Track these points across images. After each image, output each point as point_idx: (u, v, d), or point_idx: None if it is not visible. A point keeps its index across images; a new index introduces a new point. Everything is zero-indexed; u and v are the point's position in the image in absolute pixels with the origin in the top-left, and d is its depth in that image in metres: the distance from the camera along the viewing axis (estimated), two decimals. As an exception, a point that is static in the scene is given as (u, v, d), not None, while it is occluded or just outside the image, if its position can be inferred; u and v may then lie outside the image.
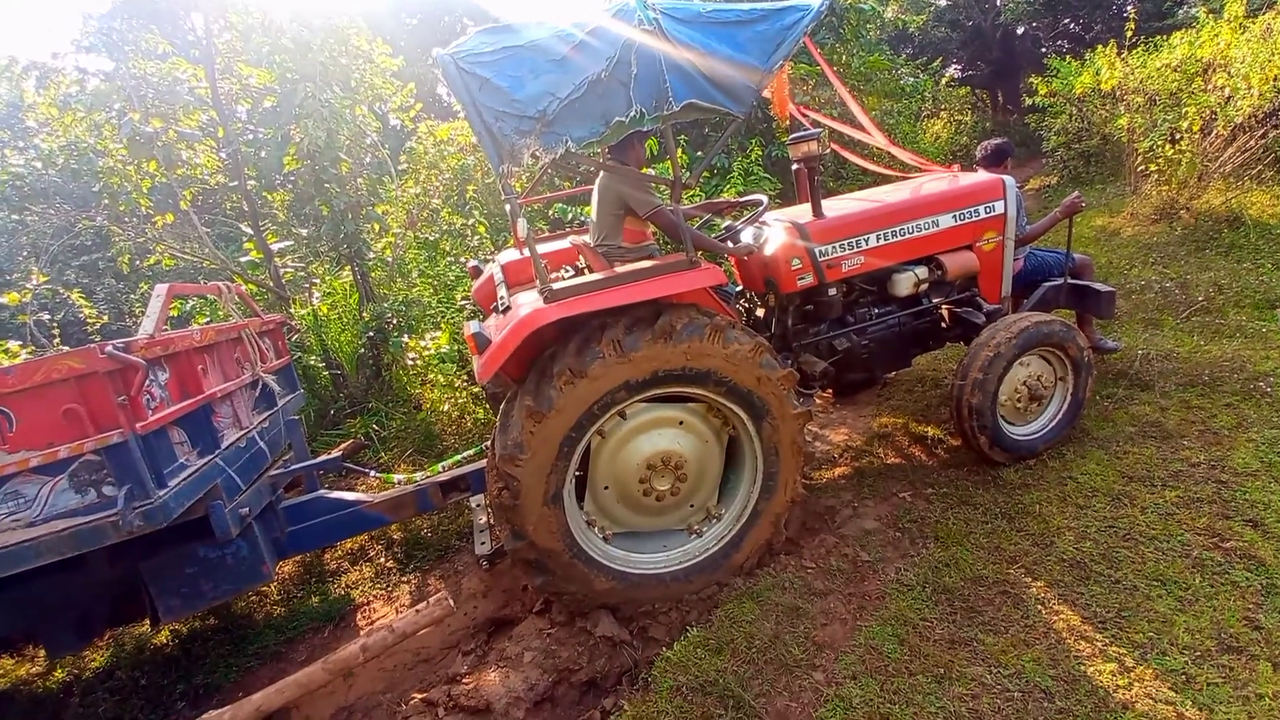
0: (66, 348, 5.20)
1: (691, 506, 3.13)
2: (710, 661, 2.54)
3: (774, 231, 3.56)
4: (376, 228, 6.54)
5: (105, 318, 6.45)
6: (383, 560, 4.00)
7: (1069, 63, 9.51)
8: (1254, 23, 6.66)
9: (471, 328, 2.79)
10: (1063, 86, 9.20)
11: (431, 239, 7.13)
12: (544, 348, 2.72)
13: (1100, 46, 7.95)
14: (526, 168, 2.97)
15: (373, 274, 6.69)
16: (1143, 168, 7.36)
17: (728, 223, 3.97)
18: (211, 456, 2.78)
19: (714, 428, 3.07)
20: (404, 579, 3.80)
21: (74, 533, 2.27)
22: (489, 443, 2.91)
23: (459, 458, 3.97)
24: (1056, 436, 3.56)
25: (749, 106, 2.70)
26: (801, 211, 3.68)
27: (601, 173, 3.18)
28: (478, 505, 3.81)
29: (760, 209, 3.55)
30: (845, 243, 3.47)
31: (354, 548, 4.13)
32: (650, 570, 3.00)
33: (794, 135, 3.46)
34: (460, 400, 5.20)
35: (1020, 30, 16.50)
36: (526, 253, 3.07)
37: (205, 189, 6.51)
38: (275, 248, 6.18)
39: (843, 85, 4.26)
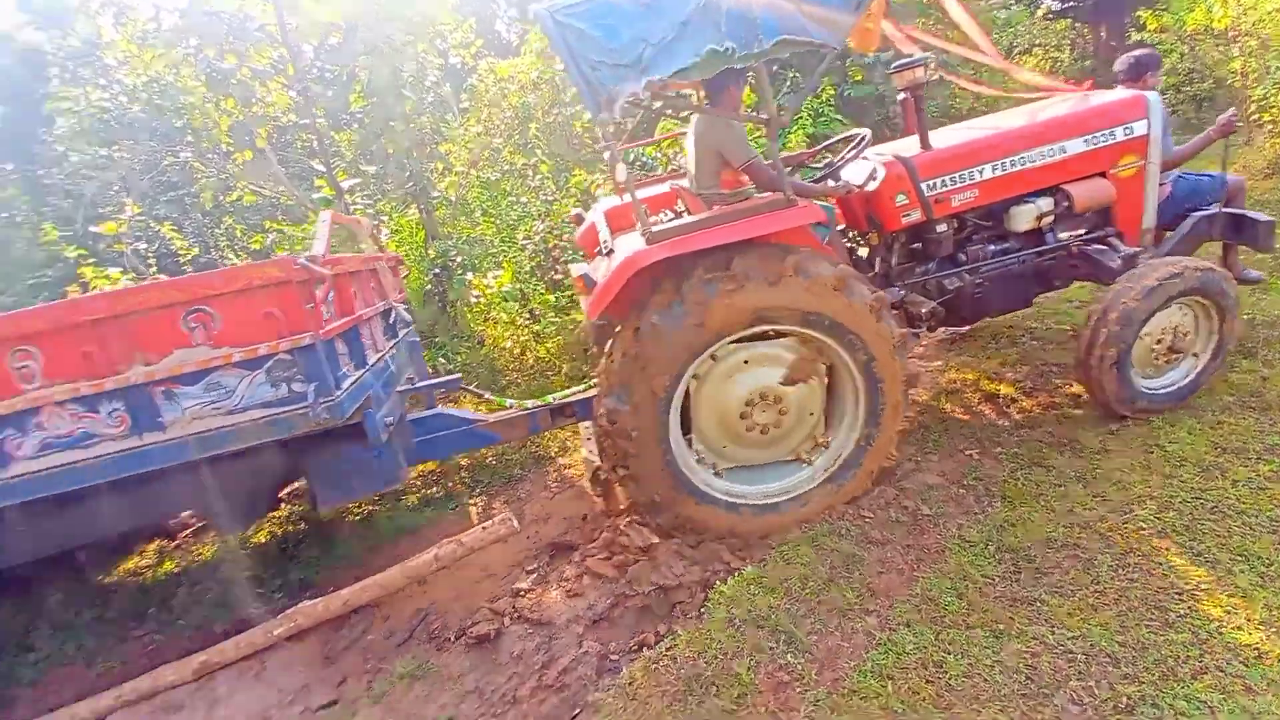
0: (164, 276, 5.58)
1: (798, 438, 3.15)
2: (764, 598, 2.61)
3: (877, 166, 3.38)
4: (440, 166, 6.61)
5: (195, 250, 6.80)
6: (451, 484, 4.26)
7: (1182, -5, 8.47)
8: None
9: (579, 269, 2.85)
10: (1174, 22, 8.22)
11: (494, 178, 7.15)
12: (647, 288, 2.77)
13: (1216, -22, 7.02)
14: (623, 117, 2.97)
15: (437, 212, 6.81)
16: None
17: (828, 159, 3.79)
18: (365, 369, 3.08)
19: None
20: (471, 501, 4.05)
21: (271, 421, 2.59)
22: (598, 377, 3.01)
23: (568, 393, 4.07)
24: (1188, 395, 3.32)
25: (845, 37, 2.55)
26: (908, 144, 3.48)
27: (695, 118, 3.12)
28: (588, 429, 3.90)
29: (862, 143, 3.37)
30: (955, 175, 3.27)
31: (426, 471, 4.40)
32: (763, 501, 3.07)
33: (898, 62, 3.25)
34: (522, 338, 5.33)
35: (1133, -45, 14.69)
36: (627, 198, 3.09)
37: (279, 127, 6.67)
38: (345, 185, 6.34)
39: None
